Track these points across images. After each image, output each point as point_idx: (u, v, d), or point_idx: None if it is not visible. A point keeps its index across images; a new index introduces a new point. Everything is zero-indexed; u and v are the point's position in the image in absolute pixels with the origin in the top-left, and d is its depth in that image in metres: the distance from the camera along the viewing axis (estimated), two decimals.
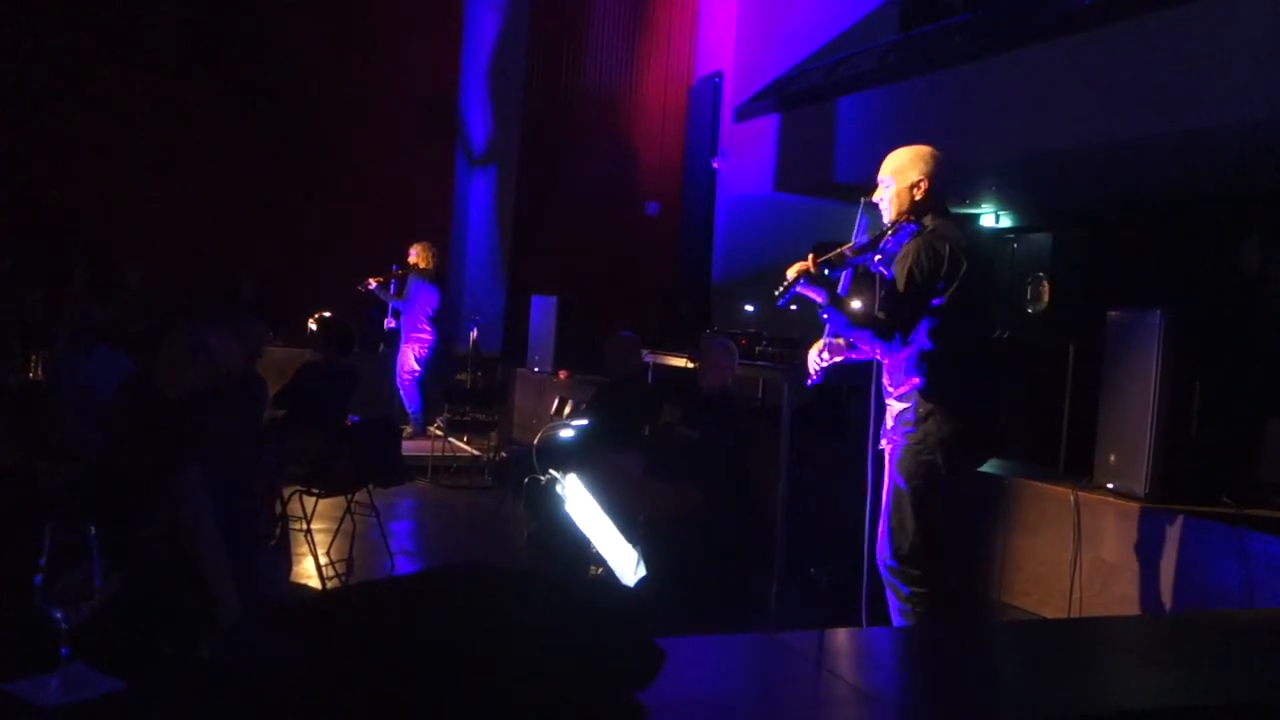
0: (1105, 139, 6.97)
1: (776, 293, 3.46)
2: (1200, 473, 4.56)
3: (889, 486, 3.56)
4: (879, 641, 2.56)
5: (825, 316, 3.48)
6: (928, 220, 3.54)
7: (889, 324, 3.46)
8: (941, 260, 3.44)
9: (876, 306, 3.55)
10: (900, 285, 3.45)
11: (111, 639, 1.66)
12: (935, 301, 3.46)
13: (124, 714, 1.53)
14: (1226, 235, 8.61)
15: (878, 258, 3.56)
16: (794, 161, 10.39)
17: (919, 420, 3.49)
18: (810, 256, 3.44)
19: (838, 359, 3.62)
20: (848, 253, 3.52)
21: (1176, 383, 4.55)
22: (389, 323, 9.25)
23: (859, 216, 3.64)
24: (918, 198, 3.57)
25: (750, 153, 11.13)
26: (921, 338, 3.49)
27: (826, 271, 3.43)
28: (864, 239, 3.57)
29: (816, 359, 3.65)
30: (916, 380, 3.50)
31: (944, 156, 3.65)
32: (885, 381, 3.64)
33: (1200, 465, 4.57)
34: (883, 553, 3.54)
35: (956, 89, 8.05)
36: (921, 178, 3.58)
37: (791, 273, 3.44)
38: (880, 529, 3.57)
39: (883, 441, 3.66)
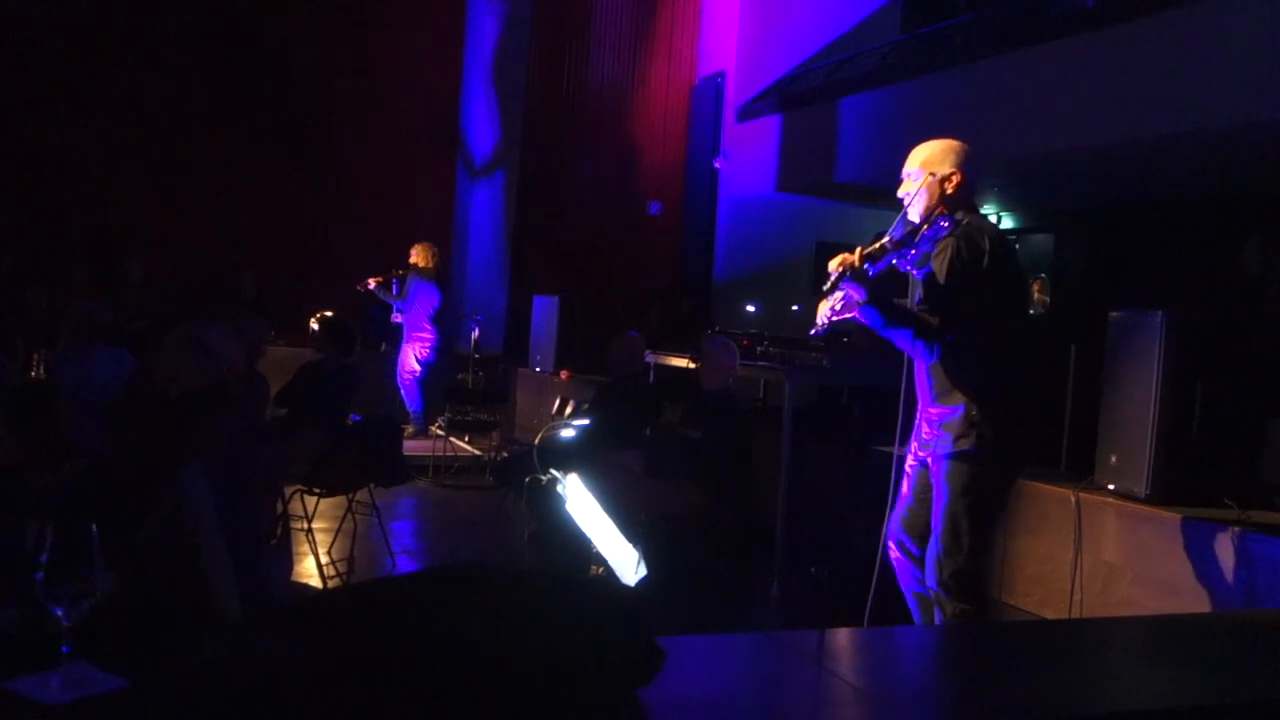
0: (1107, 139, 6.97)
1: (825, 288, 3.27)
2: (1201, 474, 4.55)
3: (941, 502, 3.35)
4: (880, 641, 2.56)
5: (860, 314, 3.28)
6: (960, 215, 3.39)
7: (934, 323, 3.27)
8: (982, 254, 3.27)
9: (914, 304, 3.41)
10: (941, 279, 3.28)
11: (113, 637, 1.67)
12: (980, 299, 3.29)
13: (125, 712, 1.53)
14: (1228, 236, 8.61)
15: (912, 252, 3.37)
16: (796, 161, 10.40)
17: (971, 427, 3.29)
18: (858, 250, 3.26)
19: (849, 315, 3.34)
20: (888, 245, 3.33)
21: (1178, 384, 4.54)
22: (395, 317, 9.23)
23: (900, 215, 3.49)
24: (949, 191, 3.42)
25: (752, 153, 11.13)
26: (968, 338, 3.29)
27: (867, 266, 3.24)
28: (900, 232, 3.41)
29: (827, 310, 3.39)
30: (966, 384, 3.31)
31: (974, 151, 3.51)
32: (923, 385, 3.44)
33: (1201, 466, 4.56)
34: (932, 571, 3.38)
35: (958, 89, 8.05)
36: (953, 170, 3.42)
37: (835, 266, 3.25)
38: (930, 547, 3.40)
39: (919, 450, 3.48)
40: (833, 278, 3.25)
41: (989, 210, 10.53)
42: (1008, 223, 10.72)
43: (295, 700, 1.50)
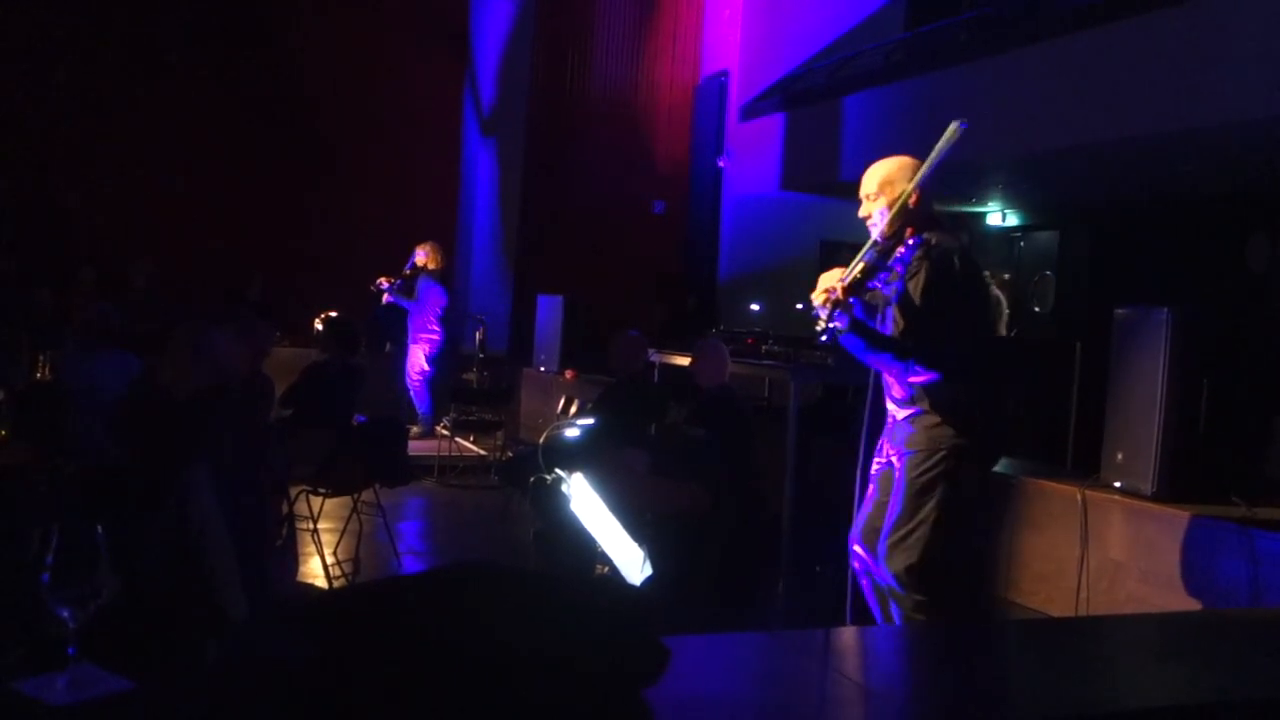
0: (1112, 136, 6.96)
1: (818, 329, 3.25)
2: (1208, 471, 4.54)
3: (898, 498, 3.41)
4: (886, 640, 2.56)
5: (842, 341, 3.31)
6: (928, 234, 3.41)
7: (913, 350, 3.32)
8: (954, 275, 3.33)
9: (892, 331, 3.40)
10: (917, 300, 3.31)
11: (119, 638, 1.67)
12: (952, 318, 3.34)
13: (131, 713, 1.53)
14: (1234, 233, 8.60)
15: (887, 274, 3.39)
16: (799, 160, 10.40)
17: (934, 426, 3.36)
18: (839, 287, 3.25)
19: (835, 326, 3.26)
20: (861, 274, 3.31)
21: (1184, 381, 4.53)
22: (386, 298, 9.09)
23: (871, 241, 3.45)
24: (912, 208, 3.43)
25: (756, 152, 11.13)
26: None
27: (850, 300, 3.27)
28: (872, 255, 3.40)
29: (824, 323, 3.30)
30: (931, 386, 3.37)
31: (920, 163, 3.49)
32: (890, 387, 3.50)
33: (1208, 463, 4.56)
34: (884, 566, 3.41)
35: (962, 87, 8.04)
36: (911, 187, 3.41)
37: (820, 301, 3.24)
38: (884, 541, 3.44)
39: (889, 449, 3.53)
40: (821, 315, 3.23)
41: (994, 208, 10.53)
42: (1013, 220, 10.72)
43: (301, 701, 1.50)
